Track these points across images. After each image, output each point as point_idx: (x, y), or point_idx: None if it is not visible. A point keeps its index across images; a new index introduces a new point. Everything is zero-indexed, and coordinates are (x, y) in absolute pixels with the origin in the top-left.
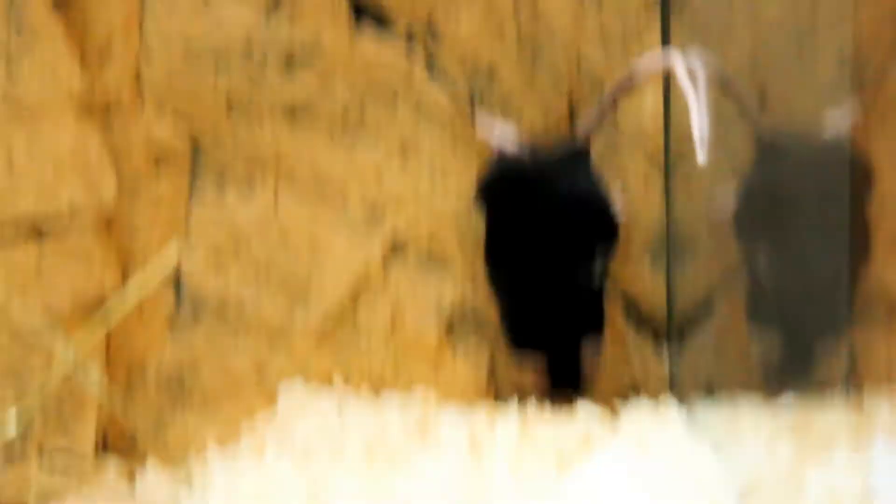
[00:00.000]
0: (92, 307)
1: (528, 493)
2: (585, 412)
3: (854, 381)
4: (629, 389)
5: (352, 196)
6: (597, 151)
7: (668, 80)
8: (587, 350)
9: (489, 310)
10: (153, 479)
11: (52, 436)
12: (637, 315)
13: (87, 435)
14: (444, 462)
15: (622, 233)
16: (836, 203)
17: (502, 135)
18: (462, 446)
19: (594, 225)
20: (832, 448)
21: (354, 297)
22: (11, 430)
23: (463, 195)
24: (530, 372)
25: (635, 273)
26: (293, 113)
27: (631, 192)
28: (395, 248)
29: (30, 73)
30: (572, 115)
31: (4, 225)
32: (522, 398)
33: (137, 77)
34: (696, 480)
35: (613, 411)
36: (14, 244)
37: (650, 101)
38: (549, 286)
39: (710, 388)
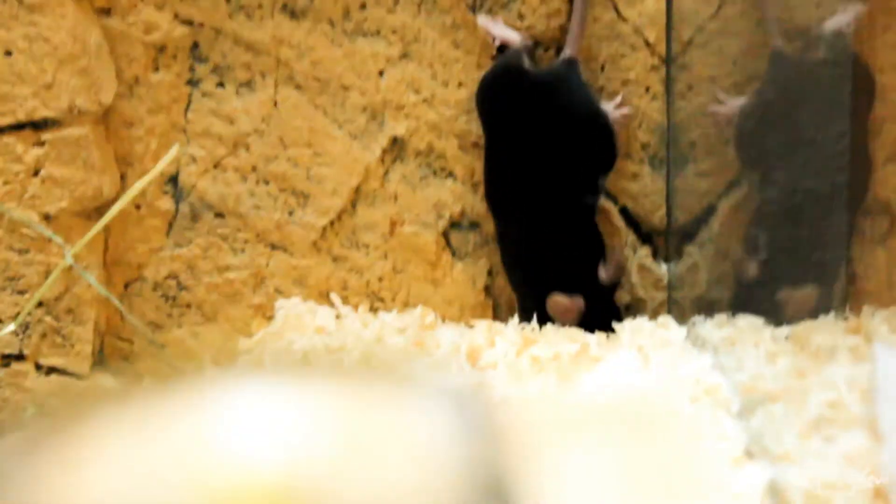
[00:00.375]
0: (91, 210)
1: (530, 401)
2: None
3: (854, 299)
4: (628, 306)
5: (352, 95)
6: (597, 59)
7: None
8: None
9: (488, 222)
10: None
11: (49, 349)
12: (636, 229)
13: (83, 350)
14: (443, 373)
15: (620, 146)
16: (836, 114)
17: (503, 35)
18: (461, 359)
19: (592, 144)
20: (832, 362)
21: (353, 201)
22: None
23: (464, 98)
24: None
25: (634, 185)
26: (294, 7)
27: (631, 100)
28: (396, 151)
29: None
30: (571, 14)
31: (3, 128)
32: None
33: None
34: (698, 392)
35: (611, 327)
36: (12, 146)
37: (651, 2)
38: (546, 211)
39: (710, 306)
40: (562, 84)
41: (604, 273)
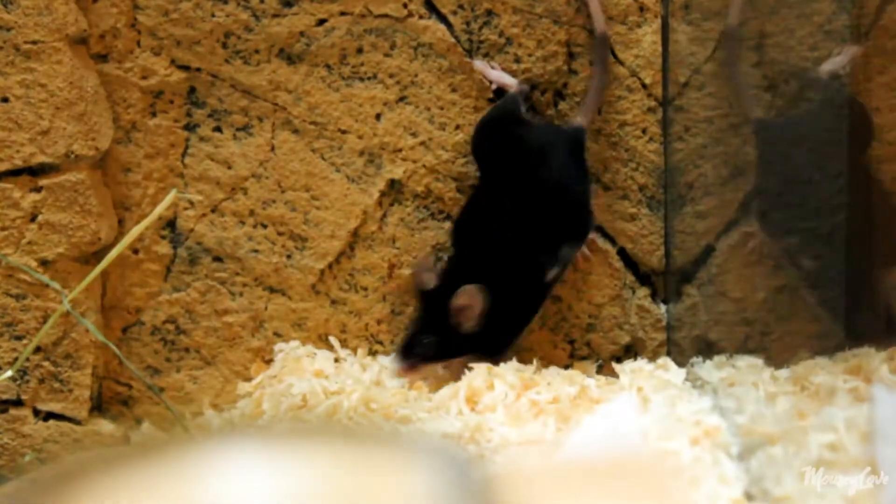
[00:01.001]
0: (88, 255)
1: (529, 443)
2: (583, 371)
3: (852, 338)
4: (627, 346)
5: (349, 138)
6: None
7: (665, 23)
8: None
9: None
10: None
11: (47, 395)
12: (634, 270)
13: (81, 395)
14: (443, 418)
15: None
16: (834, 153)
17: (500, 79)
18: (460, 402)
19: (565, 215)
20: (832, 403)
21: (351, 244)
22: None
23: (462, 141)
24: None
25: (633, 226)
26: (291, 52)
27: (628, 142)
28: (394, 193)
29: (25, 12)
30: (570, 59)
31: (1, 174)
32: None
33: (134, 15)
34: (698, 433)
35: (611, 370)
36: (9, 192)
37: (648, 42)
38: (504, 263)
39: (710, 347)
40: (558, 147)
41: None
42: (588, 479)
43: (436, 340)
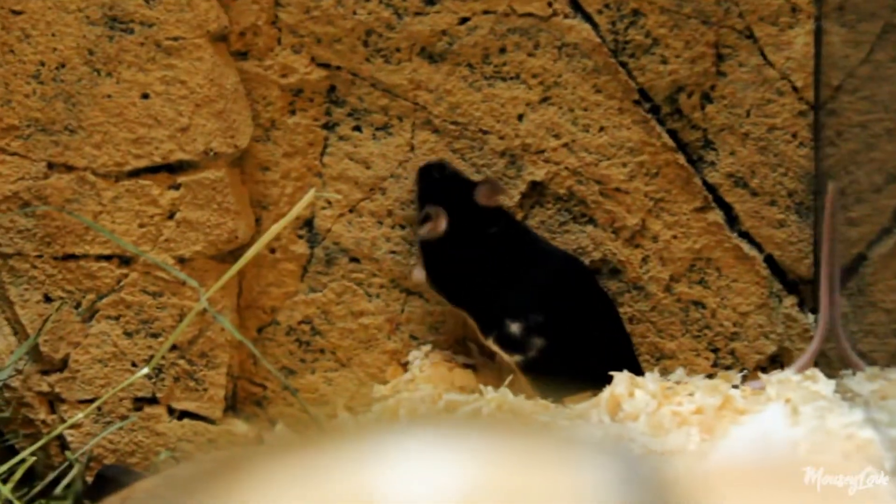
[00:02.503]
0: (225, 253)
1: (672, 454)
2: (728, 382)
3: None
4: (774, 357)
5: (490, 139)
6: (742, 104)
7: (818, 24)
8: None
9: (630, 269)
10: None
11: (182, 393)
12: (782, 278)
13: (216, 394)
14: (583, 427)
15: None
16: None
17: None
18: (601, 410)
19: None
20: None
21: None
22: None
23: (606, 143)
24: None
25: (780, 233)
26: (432, 50)
27: (777, 146)
28: (535, 196)
29: (167, 8)
30: (718, 61)
31: (140, 171)
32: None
33: (274, 13)
34: (850, 447)
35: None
36: (148, 189)
37: (800, 44)
38: None
39: (860, 358)
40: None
41: None
42: (770, 484)
43: None
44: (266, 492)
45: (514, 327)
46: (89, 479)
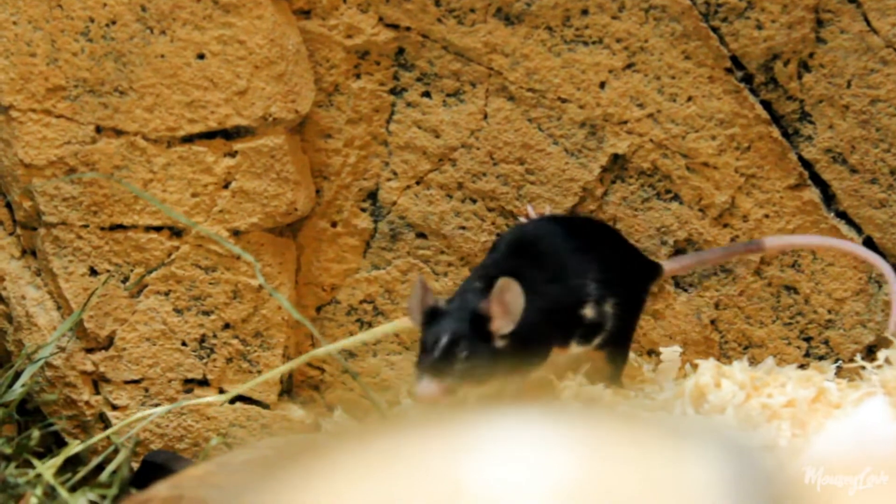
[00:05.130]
0: (283, 226)
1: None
2: (822, 373)
3: None
4: (871, 346)
5: (570, 108)
6: (843, 74)
7: None
8: None
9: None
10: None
11: (234, 375)
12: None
13: (271, 378)
14: (666, 419)
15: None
16: None
17: None
18: (685, 402)
19: None
20: None
21: None
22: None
23: (694, 114)
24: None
25: (881, 214)
26: (509, 11)
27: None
28: (617, 170)
29: None
30: (818, 27)
31: (194, 136)
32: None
33: None
34: None
35: (853, 369)
36: (202, 156)
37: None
38: None
39: None
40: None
41: None
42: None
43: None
44: (343, 479)
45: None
46: (135, 466)
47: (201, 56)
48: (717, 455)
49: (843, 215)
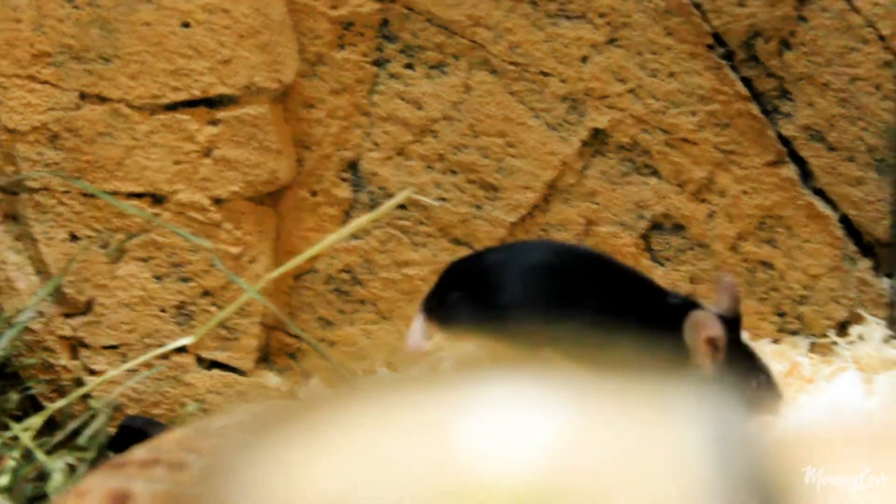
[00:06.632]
0: (264, 195)
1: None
2: (795, 348)
3: None
4: (845, 322)
5: (551, 82)
6: (823, 52)
7: None
8: None
9: (695, 225)
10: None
11: (212, 342)
12: (857, 240)
13: (248, 344)
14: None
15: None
16: None
17: None
18: None
19: None
20: None
21: (547, 197)
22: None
23: (675, 89)
24: None
25: (858, 192)
26: None
27: (859, 98)
28: (596, 144)
29: None
30: (800, 5)
31: (177, 104)
32: None
33: None
34: None
35: (826, 344)
36: (185, 124)
37: None
38: None
39: None
40: None
41: None
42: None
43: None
44: (324, 443)
45: None
46: (112, 430)
47: (186, 24)
48: (702, 417)
49: (820, 192)
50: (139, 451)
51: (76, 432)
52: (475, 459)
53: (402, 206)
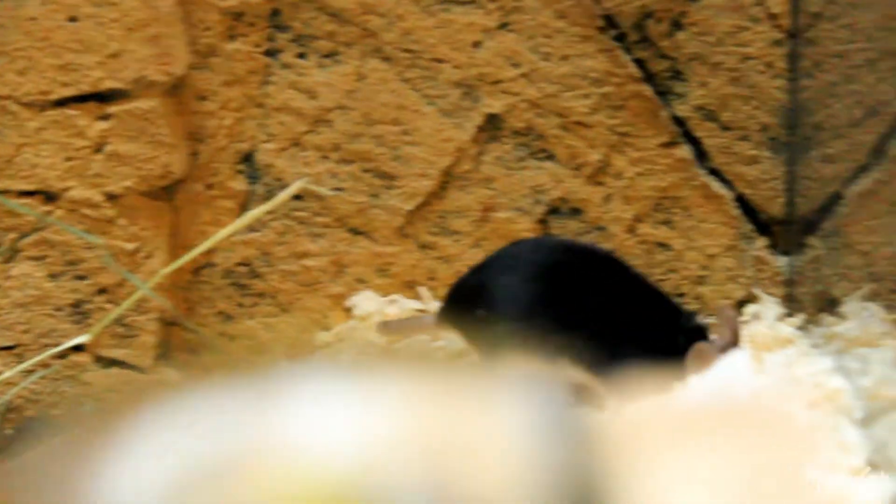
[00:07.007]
0: (158, 189)
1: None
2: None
3: None
4: (742, 301)
5: (445, 68)
6: (714, 31)
7: None
8: None
9: (592, 208)
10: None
11: (110, 340)
12: (753, 218)
13: (147, 341)
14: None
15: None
16: None
17: None
18: None
19: None
20: None
21: (443, 184)
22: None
23: (568, 73)
24: None
25: (752, 170)
26: None
27: (751, 77)
28: (491, 129)
29: None
30: None
31: (67, 100)
32: None
33: None
34: (818, 397)
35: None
36: (75, 120)
37: None
38: None
39: (834, 303)
40: None
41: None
42: (693, 431)
43: None
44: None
45: None
46: (9, 432)
47: (73, 19)
48: (528, 403)
49: (715, 172)
50: (32, 456)
51: None
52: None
53: (298, 197)
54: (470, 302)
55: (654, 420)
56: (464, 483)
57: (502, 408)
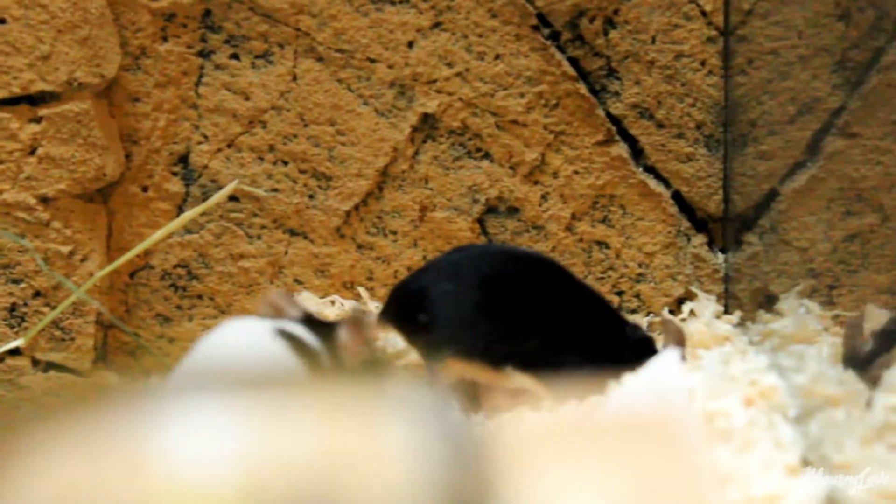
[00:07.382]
0: (92, 192)
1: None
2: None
3: None
4: (680, 299)
5: (379, 68)
6: (648, 30)
7: None
8: None
9: (529, 207)
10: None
11: (47, 344)
12: (690, 216)
13: (84, 344)
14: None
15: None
16: None
17: None
18: None
19: None
20: None
21: (380, 184)
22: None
23: (502, 71)
24: None
25: (689, 168)
26: None
27: (685, 75)
28: (427, 129)
29: None
30: None
31: None
32: None
33: None
34: (753, 394)
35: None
36: (6, 122)
37: None
38: None
39: (771, 300)
40: None
41: None
42: (592, 439)
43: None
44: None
45: None
46: None
47: (2, 20)
48: (409, 418)
49: (651, 170)
50: None
51: None
52: (169, 465)
53: (234, 199)
54: (411, 306)
55: (551, 431)
56: (347, 499)
57: (388, 422)
